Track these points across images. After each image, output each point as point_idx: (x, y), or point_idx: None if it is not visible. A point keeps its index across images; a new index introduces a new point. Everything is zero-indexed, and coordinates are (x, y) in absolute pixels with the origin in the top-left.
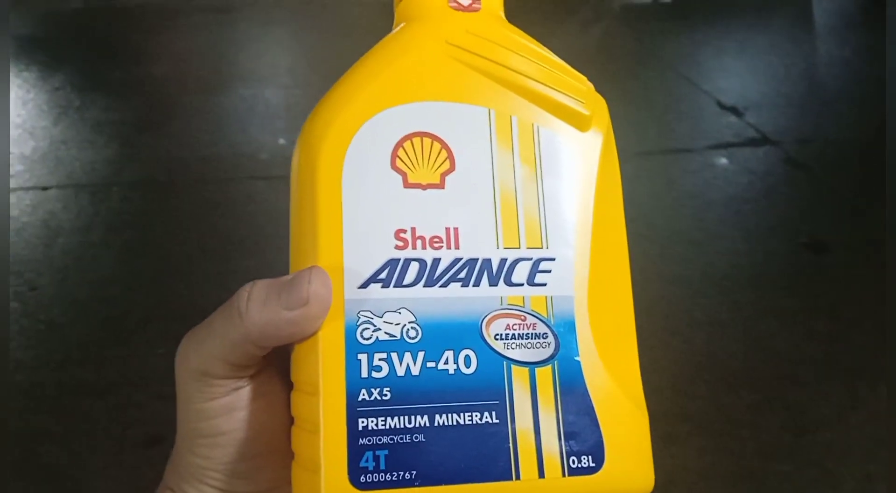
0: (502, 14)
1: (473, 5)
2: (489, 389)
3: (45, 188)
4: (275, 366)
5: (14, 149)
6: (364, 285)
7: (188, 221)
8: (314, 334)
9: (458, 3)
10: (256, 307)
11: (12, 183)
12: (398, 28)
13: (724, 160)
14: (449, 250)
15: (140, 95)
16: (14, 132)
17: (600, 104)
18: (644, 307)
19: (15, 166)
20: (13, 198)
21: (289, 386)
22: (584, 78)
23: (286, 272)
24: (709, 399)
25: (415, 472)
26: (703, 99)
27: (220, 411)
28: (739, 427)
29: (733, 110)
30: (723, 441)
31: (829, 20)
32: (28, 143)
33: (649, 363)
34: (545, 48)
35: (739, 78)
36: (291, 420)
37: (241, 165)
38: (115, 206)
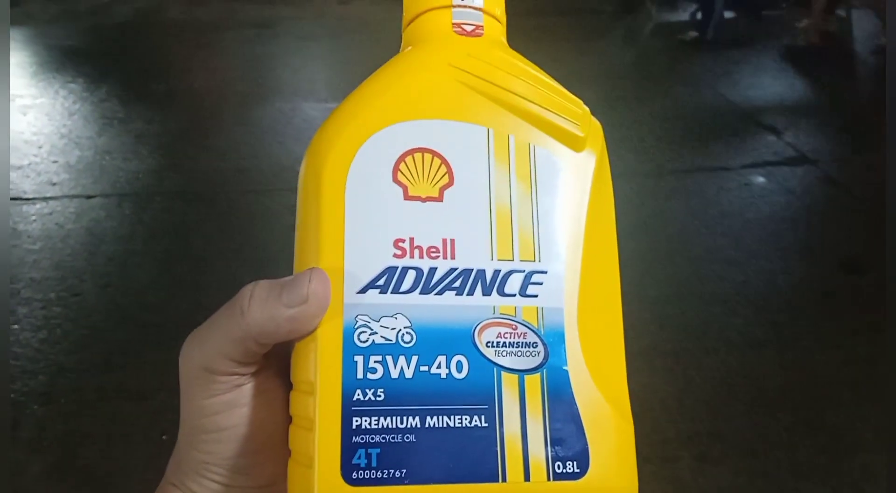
0: (504, 40)
1: (476, 31)
2: (479, 393)
3: (89, 197)
4: (275, 367)
5: (60, 158)
6: (363, 291)
7: (227, 231)
8: (312, 332)
9: (461, 28)
10: (258, 305)
11: (57, 191)
12: (405, 50)
13: (761, 179)
14: (445, 260)
15: (182, 108)
16: (60, 142)
17: (595, 127)
18: (679, 326)
19: (60, 175)
20: (58, 205)
21: (288, 387)
22: (580, 101)
23: None
24: (744, 420)
25: (405, 471)
26: (741, 117)
27: (222, 407)
28: (775, 449)
29: (772, 129)
30: (758, 462)
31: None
32: (73, 152)
33: (684, 383)
34: (544, 72)
35: (778, 96)
36: (290, 420)
37: (279, 177)
38: (156, 215)
